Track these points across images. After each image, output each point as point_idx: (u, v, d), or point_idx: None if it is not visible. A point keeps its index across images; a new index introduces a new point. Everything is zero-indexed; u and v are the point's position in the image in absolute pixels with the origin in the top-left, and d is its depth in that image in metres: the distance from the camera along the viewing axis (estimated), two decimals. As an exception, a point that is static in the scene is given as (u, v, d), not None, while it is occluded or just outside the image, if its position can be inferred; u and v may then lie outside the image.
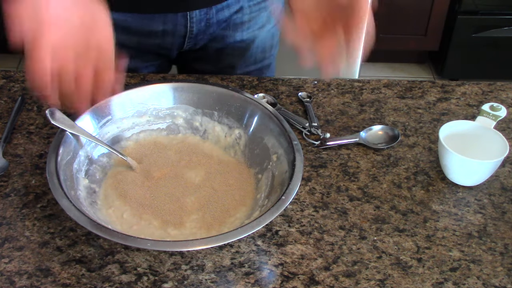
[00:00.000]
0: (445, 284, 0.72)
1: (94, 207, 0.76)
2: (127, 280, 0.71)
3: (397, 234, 0.78)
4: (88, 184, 0.79)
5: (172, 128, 0.88)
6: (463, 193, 0.85)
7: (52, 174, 0.72)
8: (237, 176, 0.83)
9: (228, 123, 0.87)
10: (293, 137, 0.79)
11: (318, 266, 0.73)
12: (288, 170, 0.76)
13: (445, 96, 1.03)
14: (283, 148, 0.79)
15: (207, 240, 0.68)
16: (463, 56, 2.57)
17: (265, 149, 0.82)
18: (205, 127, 0.88)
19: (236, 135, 0.86)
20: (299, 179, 0.74)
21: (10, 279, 0.70)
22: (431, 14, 2.49)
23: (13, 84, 1.00)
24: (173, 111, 0.88)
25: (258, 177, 0.82)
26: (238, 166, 0.85)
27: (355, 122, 0.96)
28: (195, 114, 0.88)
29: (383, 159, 0.90)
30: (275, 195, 0.74)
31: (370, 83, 1.05)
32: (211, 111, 0.87)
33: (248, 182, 0.82)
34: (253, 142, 0.85)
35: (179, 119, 0.88)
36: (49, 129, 0.91)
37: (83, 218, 0.68)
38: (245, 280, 0.71)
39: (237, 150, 0.86)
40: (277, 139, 0.81)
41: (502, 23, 2.47)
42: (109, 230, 0.68)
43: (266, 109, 0.84)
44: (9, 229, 0.76)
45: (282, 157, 0.79)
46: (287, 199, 0.71)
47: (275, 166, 0.80)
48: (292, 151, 0.77)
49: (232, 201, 0.79)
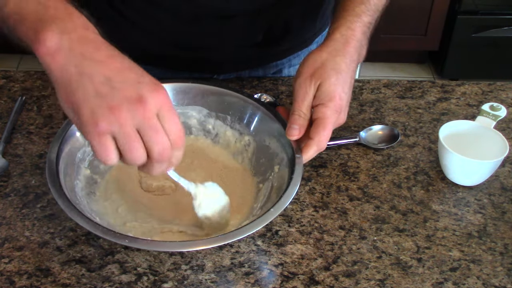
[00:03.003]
0: (445, 284, 0.72)
1: (90, 197, 0.76)
2: (127, 280, 0.71)
3: (397, 234, 0.78)
4: (90, 175, 0.79)
5: (184, 128, 0.88)
6: (463, 193, 0.85)
7: (52, 162, 0.72)
8: (239, 184, 0.82)
9: (240, 129, 0.86)
10: (296, 150, 0.78)
11: (318, 266, 0.73)
12: (285, 183, 0.75)
13: (445, 96, 1.03)
14: (286, 160, 0.78)
15: (206, 241, 0.68)
16: (463, 56, 2.57)
17: (270, 159, 0.82)
18: (217, 131, 0.88)
19: (245, 141, 0.85)
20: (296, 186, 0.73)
21: (10, 279, 0.70)
22: (431, 14, 2.49)
23: (13, 84, 1.00)
24: (187, 111, 0.87)
25: (259, 187, 0.81)
26: (242, 173, 0.84)
27: (355, 122, 0.96)
28: (209, 117, 0.87)
29: (383, 159, 0.90)
30: (270, 205, 0.73)
31: (370, 83, 1.05)
32: (225, 115, 0.87)
33: (249, 191, 0.82)
34: (260, 150, 0.84)
35: (193, 119, 0.88)
36: (49, 129, 0.91)
37: (71, 209, 0.67)
38: (245, 280, 0.71)
39: (245, 157, 0.85)
40: (282, 151, 0.80)
41: (502, 23, 2.47)
42: (98, 225, 0.67)
43: (277, 121, 0.82)
44: (9, 229, 0.76)
45: (283, 169, 0.78)
46: (286, 200, 0.71)
47: (275, 177, 0.79)
48: (293, 164, 0.76)
49: (232, 217, 0.78)
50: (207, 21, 0.95)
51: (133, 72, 0.61)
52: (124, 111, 0.58)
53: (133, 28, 0.97)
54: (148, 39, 0.98)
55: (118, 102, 0.58)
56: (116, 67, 0.60)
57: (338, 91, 0.77)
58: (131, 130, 0.58)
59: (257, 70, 1.08)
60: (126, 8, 0.96)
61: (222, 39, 0.98)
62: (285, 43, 1.04)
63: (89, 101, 0.58)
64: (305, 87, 0.77)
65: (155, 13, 0.95)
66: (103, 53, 0.61)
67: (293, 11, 0.99)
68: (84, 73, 0.59)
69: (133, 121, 0.58)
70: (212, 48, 0.99)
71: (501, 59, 2.55)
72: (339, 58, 0.79)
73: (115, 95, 0.58)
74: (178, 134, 0.61)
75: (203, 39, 0.97)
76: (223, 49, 1.00)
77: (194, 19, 0.94)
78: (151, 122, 0.59)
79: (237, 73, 1.06)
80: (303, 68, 0.79)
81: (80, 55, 0.59)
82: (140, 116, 0.58)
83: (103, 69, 0.59)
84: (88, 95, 0.58)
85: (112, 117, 0.58)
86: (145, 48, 0.99)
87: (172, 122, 0.60)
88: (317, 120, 0.77)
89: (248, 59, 1.04)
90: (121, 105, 0.58)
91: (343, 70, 0.78)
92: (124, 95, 0.58)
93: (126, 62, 0.62)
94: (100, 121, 0.58)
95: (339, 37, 0.80)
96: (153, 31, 0.97)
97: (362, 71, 2.16)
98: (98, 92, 0.58)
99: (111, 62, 0.60)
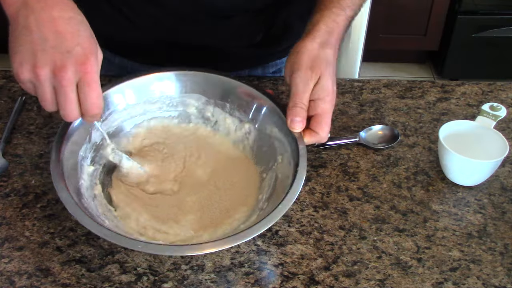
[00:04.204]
0: (445, 284, 0.72)
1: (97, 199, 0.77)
2: (127, 280, 0.71)
3: (397, 234, 0.78)
4: (93, 171, 0.79)
5: (183, 117, 0.88)
6: (463, 193, 0.85)
7: (55, 162, 0.72)
8: (243, 174, 0.83)
9: (240, 116, 0.86)
10: (300, 141, 0.78)
11: (318, 266, 0.73)
12: (291, 176, 0.75)
13: (445, 96, 1.03)
14: (289, 151, 0.78)
15: (204, 245, 0.68)
16: (463, 56, 2.57)
17: (272, 148, 0.82)
18: (217, 118, 0.88)
19: (246, 129, 0.86)
20: (300, 184, 0.73)
21: (10, 279, 0.70)
22: (431, 14, 2.49)
23: (13, 84, 1.00)
24: (185, 99, 0.87)
25: (263, 176, 0.81)
26: (245, 162, 0.84)
27: (355, 122, 0.96)
28: (208, 104, 0.87)
29: (383, 159, 0.90)
30: (276, 198, 0.73)
31: (370, 83, 1.05)
32: (223, 103, 0.87)
33: (253, 181, 0.82)
34: (261, 139, 0.84)
35: (191, 107, 0.88)
36: (49, 129, 0.91)
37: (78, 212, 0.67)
38: (245, 280, 0.71)
39: (246, 145, 0.86)
40: (284, 141, 0.80)
41: (502, 23, 2.47)
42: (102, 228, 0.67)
43: (279, 109, 0.83)
44: (9, 229, 0.76)
45: (287, 160, 0.78)
46: (293, 197, 0.71)
47: (279, 168, 0.79)
48: (297, 156, 0.76)
49: (233, 201, 0.79)
50: (206, 20, 0.95)
51: (70, 40, 0.67)
52: (43, 72, 0.66)
53: (132, 27, 0.97)
54: (147, 37, 0.98)
55: (43, 64, 0.66)
56: (57, 30, 0.67)
57: (332, 84, 0.79)
58: (47, 87, 0.67)
59: (256, 69, 1.08)
60: (125, 7, 0.96)
61: (221, 38, 0.98)
62: (284, 42, 1.04)
63: (22, 52, 0.66)
64: (306, 80, 0.78)
65: (154, 12, 0.95)
66: (54, 13, 0.67)
67: (292, 10, 0.99)
68: (28, 27, 0.67)
69: (50, 82, 0.67)
70: (211, 47, 0.99)
71: (501, 59, 2.55)
72: (329, 51, 0.80)
73: (42, 57, 0.66)
74: (92, 104, 0.68)
75: (203, 38, 0.97)
76: (222, 48, 1.00)
77: (193, 18, 0.94)
78: (65, 89, 0.66)
79: (237, 72, 1.06)
80: (300, 59, 0.80)
81: (31, 10, 0.67)
82: (57, 81, 0.66)
83: (45, 29, 0.66)
84: (23, 47, 0.66)
85: (33, 74, 0.66)
86: (144, 47, 0.99)
87: (88, 93, 0.68)
88: (318, 116, 0.78)
89: (248, 58, 1.04)
90: (44, 67, 0.66)
91: (333, 62, 0.80)
92: (51, 59, 0.66)
93: (71, 27, 0.68)
94: (23, 73, 0.66)
95: (325, 28, 0.82)
96: (152, 30, 0.98)
97: (362, 71, 2.15)
98: (31, 49, 0.66)
99: (56, 24, 0.67)
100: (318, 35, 0.81)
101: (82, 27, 0.69)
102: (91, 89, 0.68)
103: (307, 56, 0.79)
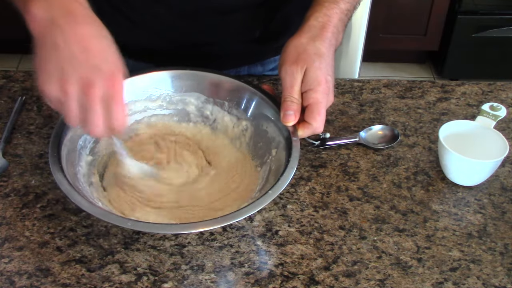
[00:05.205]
0: (445, 284, 0.72)
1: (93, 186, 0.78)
2: (127, 280, 0.71)
3: (397, 234, 0.78)
4: (91, 161, 0.80)
5: (183, 115, 0.89)
6: (463, 193, 0.85)
7: (54, 147, 0.74)
8: (241, 172, 0.84)
9: (237, 114, 0.87)
10: (294, 134, 0.79)
11: (318, 266, 0.73)
12: (282, 166, 0.76)
13: (445, 96, 1.03)
14: (283, 144, 0.80)
15: (204, 223, 0.69)
16: (463, 56, 2.57)
17: (267, 143, 0.83)
18: (215, 116, 0.89)
19: (243, 126, 0.87)
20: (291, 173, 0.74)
21: (10, 279, 0.70)
22: (431, 14, 2.49)
23: (13, 84, 1.00)
24: (185, 97, 0.88)
25: (258, 170, 0.83)
26: (243, 160, 0.85)
27: (355, 122, 0.96)
28: (207, 103, 0.89)
29: (383, 159, 0.90)
30: (268, 186, 0.74)
31: (370, 83, 1.05)
32: (222, 101, 0.88)
33: (248, 176, 0.83)
34: (258, 135, 0.85)
35: (191, 106, 0.89)
36: (49, 129, 0.91)
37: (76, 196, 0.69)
38: (245, 280, 0.71)
39: (243, 142, 0.87)
40: (279, 135, 0.81)
41: (502, 23, 2.47)
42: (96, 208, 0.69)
43: (274, 105, 0.84)
44: (9, 229, 0.76)
45: (280, 153, 0.79)
46: (283, 183, 0.72)
47: (273, 161, 0.80)
48: (290, 148, 0.77)
49: (229, 197, 0.80)
50: (206, 16, 0.95)
51: (98, 56, 0.67)
52: (72, 88, 0.66)
53: (132, 24, 0.97)
54: (146, 34, 0.98)
55: (71, 80, 0.66)
56: (84, 47, 0.67)
57: (324, 74, 0.79)
58: (74, 103, 0.67)
59: (255, 65, 1.08)
60: (124, 5, 0.96)
61: (221, 34, 0.98)
62: (284, 38, 1.04)
63: (49, 70, 0.66)
64: (292, 73, 0.79)
65: (153, 8, 0.95)
66: (81, 29, 0.67)
67: (292, 7, 0.99)
68: (55, 44, 0.66)
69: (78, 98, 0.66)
70: (211, 43, 0.99)
71: (501, 59, 2.55)
72: (319, 43, 0.80)
73: (71, 73, 0.66)
74: (117, 119, 0.68)
75: (202, 34, 0.98)
76: (222, 45, 1.00)
77: (192, 14, 0.95)
78: (92, 105, 0.66)
79: (236, 69, 1.06)
80: (286, 55, 0.81)
81: (58, 27, 0.66)
82: (86, 97, 0.66)
83: (73, 46, 0.66)
84: (51, 65, 0.66)
85: (62, 91, 0.66)
86: (143, 44, 0.99)
87: (115, 110, 0.67)
88: (310, 106, 0.78)
89: (247, 54, 1.04)
90: (73, 84, 0.66)
91: (325, 54, 0.80)
92: (79, 76, 0.66)
93: (99, 44, 0.68)
94: (51, 90, 0.66)
95: (315, 23, 0.82)
96: (151, 26, 0.98)
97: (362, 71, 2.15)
98: (59, 66, 0.66)
99: (83, 40, 0.67)
100: (307, 30, 0.82)
101: (108, 43, 0.69)
102: (118, 106, 0.67)
103: (293, 51, 0.80)
